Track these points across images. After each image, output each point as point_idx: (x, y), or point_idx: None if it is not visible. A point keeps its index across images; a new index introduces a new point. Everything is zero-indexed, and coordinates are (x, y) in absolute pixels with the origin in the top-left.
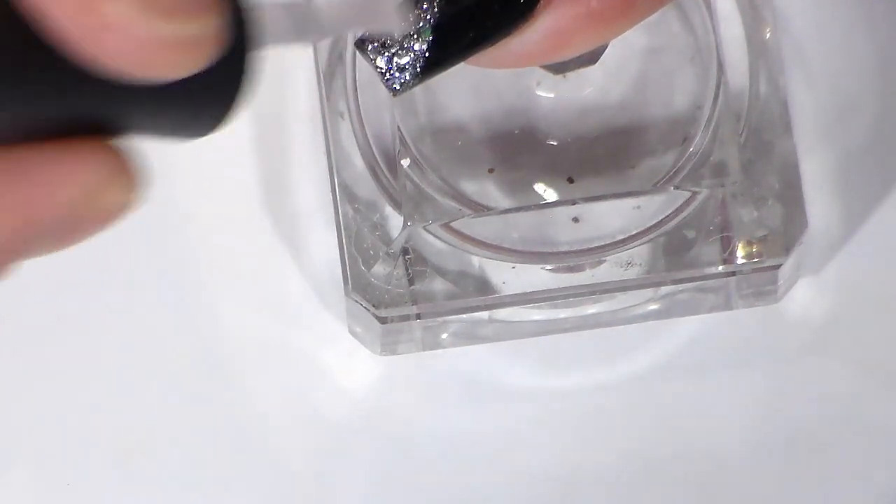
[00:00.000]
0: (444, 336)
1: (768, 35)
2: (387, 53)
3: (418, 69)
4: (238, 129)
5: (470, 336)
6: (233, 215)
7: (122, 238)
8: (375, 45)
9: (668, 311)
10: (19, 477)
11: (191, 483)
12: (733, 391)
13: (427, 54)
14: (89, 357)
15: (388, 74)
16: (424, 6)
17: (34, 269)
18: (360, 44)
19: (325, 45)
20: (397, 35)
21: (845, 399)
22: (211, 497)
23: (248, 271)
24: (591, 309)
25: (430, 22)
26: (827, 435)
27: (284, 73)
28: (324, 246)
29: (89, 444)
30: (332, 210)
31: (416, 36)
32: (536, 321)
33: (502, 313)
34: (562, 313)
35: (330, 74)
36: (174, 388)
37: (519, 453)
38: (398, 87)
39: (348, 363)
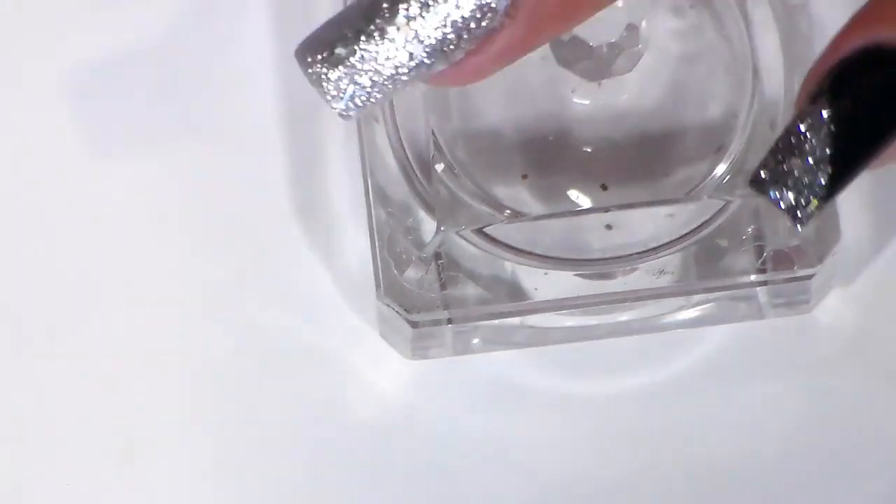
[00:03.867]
0: (475, 341)
1: (803, 43)
2: (791, 191)
3: (823, 198)
4: (271, 130)
5: (501, 342)
6: (265, 217)
7: (152, 237)
8: (777, 183)
9: (700, 320)
10: (19, 477)
11: (219, 483)
12: (765, 400)
13: (828, 182)
14: (113, 357)
15: (798, 211)
16: (812, 140)
17: (48, 268)
18: (758, 184)
19: None
20: (795, 172)
21: (877, 409)
22: (238, 498)
23: (280, 273)
24: (623, 316)
25: (824, 151)
26: (859, 445)
27: None
28: (356, 249)
29: (94, 443)
30: (364, 213)
31: (814, 167)
32: (568, 328)
33: (534, 319)
34: (593, 320)
35: None
36: (204, 388)
37: (549, 459)
38: (805, 222)
39: (379, 367)
